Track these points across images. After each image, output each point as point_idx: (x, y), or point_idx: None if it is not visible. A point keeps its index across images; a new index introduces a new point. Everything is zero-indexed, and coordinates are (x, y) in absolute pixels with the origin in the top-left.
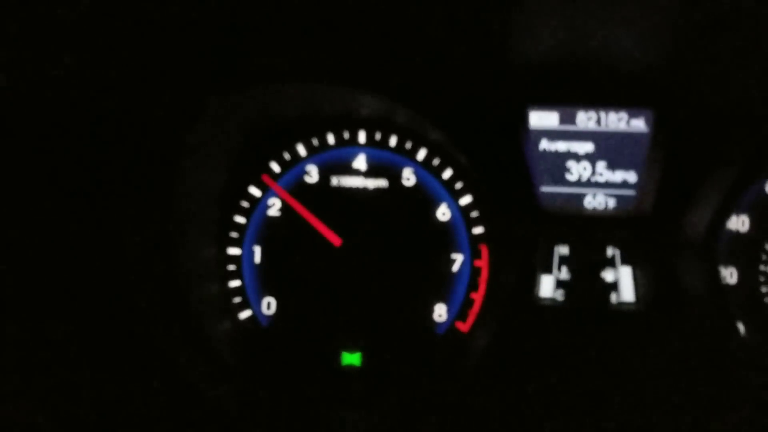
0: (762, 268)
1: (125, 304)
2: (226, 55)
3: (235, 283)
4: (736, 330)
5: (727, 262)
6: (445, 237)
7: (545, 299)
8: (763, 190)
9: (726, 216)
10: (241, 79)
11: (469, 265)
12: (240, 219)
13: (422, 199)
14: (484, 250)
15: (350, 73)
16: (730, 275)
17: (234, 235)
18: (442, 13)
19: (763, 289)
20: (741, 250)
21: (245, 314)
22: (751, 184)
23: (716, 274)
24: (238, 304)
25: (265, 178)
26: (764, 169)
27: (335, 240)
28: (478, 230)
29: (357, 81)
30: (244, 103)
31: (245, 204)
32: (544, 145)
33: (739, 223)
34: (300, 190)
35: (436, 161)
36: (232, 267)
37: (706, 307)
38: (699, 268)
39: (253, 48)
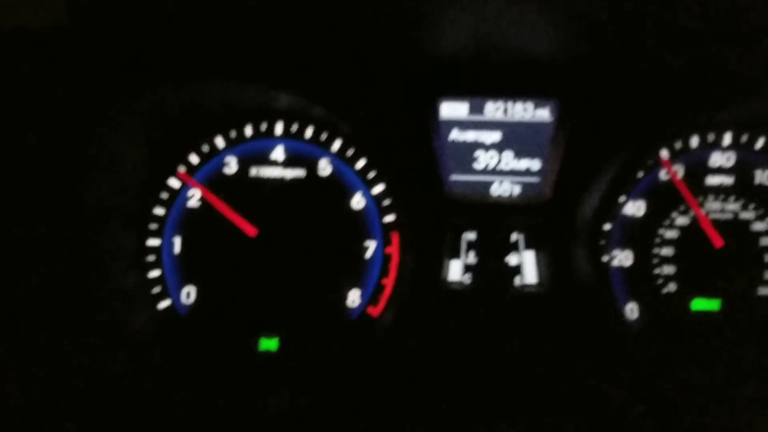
0: (656, 251)
1: (40, 297)
2: (140, 50)
3: (154, 274)
4: (621, 311)
5: (624, 246)
6: (359, 225)
7: (453, 283)
8: (657, 177)
9: (617, 202)
10: (154, 75)
11: (381, 252)
12: (159, 210)
13: (338, 188)
14: (395, 238)
15: (263, 70)
16: (626, 258)
17: (153, 226)
18: (353, 10)
19: (656, 271)
20: (637, 234)
21: (165, 304)
22: (646, 171)
23: (599, 258)
24: (158, 294)
25: (181, 174)
26: (658, 157)
27: (250, 231)
28: (389, 218)
29: (269, 79)
30: (160, 98)
31: (164, 195)
32: (454, 135)
33: (635, 208)
34: (219, 181)
35: (350, 152)
36: (151, 257)
37: (593, 289)
38: (586, 252)
39: (168, 44)
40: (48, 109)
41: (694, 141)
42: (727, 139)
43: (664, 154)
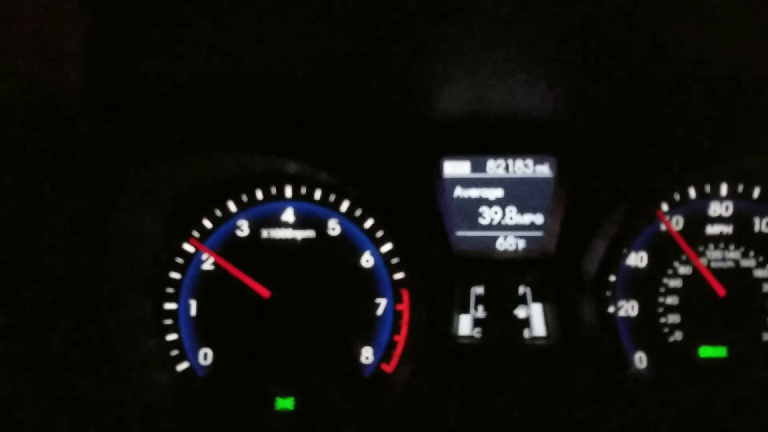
0: (660, 300)
1: (61, 364)
2: (155, 126)
3: (171, 337)
4: (628, 360)
5: (628, 296)
6: (369, 283)
7: (464, 337)
8: (658, 228)
9: (620, 254)
10: (169, 150)
11: (392, 309)
12: (175, 275)
13: (347, 247)
14: (405, 295)
15: (272, 142)
16: (631, 308)
17: (170, 290)
18: (357, 80)
19: (662, 320)
20: (640, 284)
21: (182, 366)
22: (646, 223)
23: (605, 309)
24: (175, 356)
25: (193, 241)
26: (657, 208)
27: (264, 292)
28: (399, 276)
29: (278, 149)
30: (174, 169)
31: (179, 260)
32: (458, 192)
33: (638, 259)
34: (232, 244)
35: (358, 212)
36: (168, 321)
37: (601, 340)
38: (592, 303)
39: (182, 120)
40: (67, 182)
41: (692, 192)
42: (724, 189)
43: (663, 206)
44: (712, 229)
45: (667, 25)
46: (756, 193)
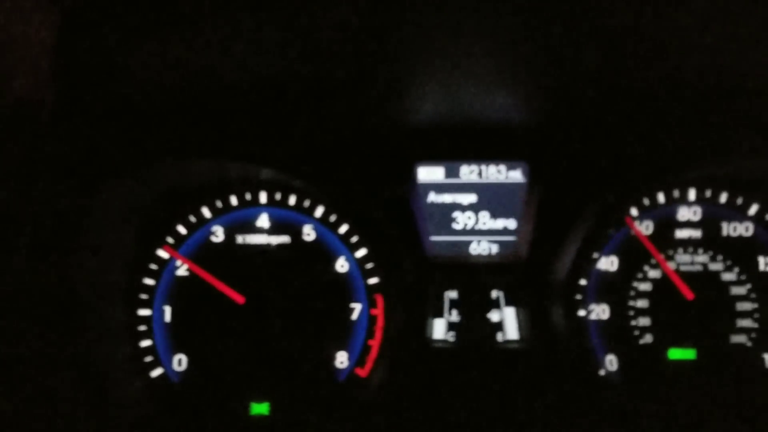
0: (631, 303)
1: (34, 369)
2: (127, 133)
3: (146, 343)
4: (600, 363)
5: (599, 300)
6: (344, 288)
7: (438, 341)
8: (628, 233)
9: (591, 258)
10: (142, 157)
11: (367, 314)
12: (149, 281)
13: (322, 252)
14: (380, 299)
15: (245, 149)
16: (602, 311)
17: (144, 296)
18: (331, 86)
19: (633, 323)
20: (611, 288)
21: (157, 372)
22: (616, 227)
23: (576, 312)
24: (150, 362)
25: (167, 248)
26: (626, 213)
27: (238, 298)
28: (373, 280)
29: (251, 156)
30: (147, 176)
31: (154, 266)
32: (432, 197)
33: (608, 263)
34: (207, 249)
35: (333, 217)
36: (143, 327)
37: (572, 343)
38: (562, 307)
39: (155, 127)
40: (39, 190)
41: (661, 197)
42: (692, 194)
43: (633, 211)
44: (681, 234)
45: (637, 35)
46: (723, 198)
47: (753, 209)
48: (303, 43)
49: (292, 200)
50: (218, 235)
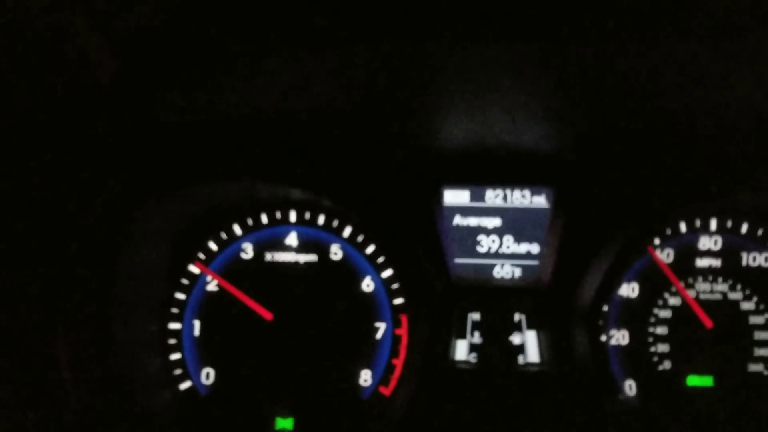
0: (650, 330)
1: (67, 379)
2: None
3: (175, 356)
4: (619, 388)
5: (620, 326)
6: (369, 307)
7: (460, 362)
8: (650, 260)
9: (613, 285)
10: (178, 180)
11: (391, 333)
12: (180, 295)
13: (348, 272)
14: (404, 319)
15: (278, 171)
16: (622, 337)
17: (175, 310)
18: (361, 114)
19: (652, 349)
20: (632, 314)
21: (185, 385)
22: (639, 255)
23: (597, 338)
24: (179, 375)
25: (198, 264)
26: (650, 242)
27: (266, 315)
28: (398, 301)
29: (284, 178)
30: (183, 197)
31: (185, 281)
32: (457, 220)
33: (629, 289)
34: (236, 266)
35: (360, 238)
36: (172, 341)
37: (592, 368)
38: (584, 332)
39: (191, 151)
40: (83, 210)
41: (683, 226)
42: (714, 224)
43: (655, 240)
44: (701, 263)
45: (662, 71)
46: (744, 228)
47: None
48: (337, 79)
49: (321, 220)
50: (248, 252)
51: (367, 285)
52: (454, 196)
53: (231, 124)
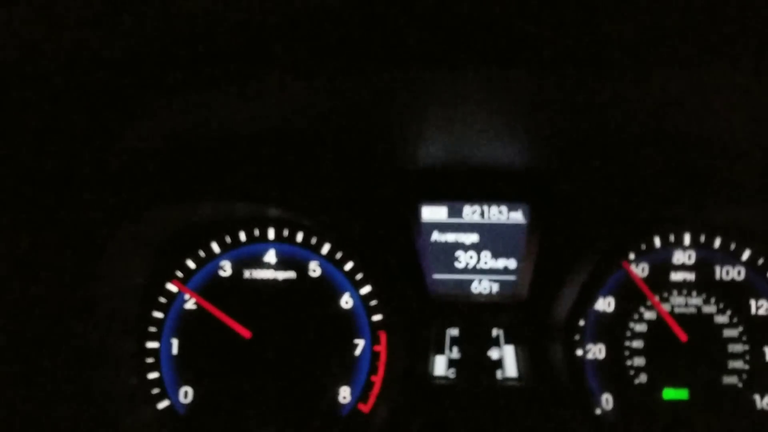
0: (627, 343)
1: (43, 397)
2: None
3: (153, 375)
4: (596, 402)
5: (596, 340)
6: (348, 324)
7: (439, 378)
8: (625, 275)
9: (590, 299)
10: (155, 199)
11: (370, 350)
12: (158, 314)
13: (327, 289)
14: (383, 336)
15: (254, 190)
16: (598, 351)
17: (152, 329)
18: (338, 132)
19: (628, 363)
20: (608, 328)
21: (163, 404)
22: (614, 270)
23: (574, 352)
24: (157, 394)
25: (176, 282)
26: (625, 257)
27: (245, 332)
28: (377, 317)
29: (261, 197)
30: (159, 216)
31: (163, 300)
32: (435, 236)
33: (605, 304)
34: (215, 283)
35: (339, 255)
36: (150, 360)
37: (569, 382)
38: (561, 346)
39: (164, 171)
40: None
41: (657, 241)
42: (687, 239)
43: (630, 254)
44: (675, 276)
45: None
46: (717, 243)
47: (746, 254)
48: (315, 100)
49: (300, 237)
50: (226, 269)
51: (346, 302)
52: (432, 213)
53: (208, 144)
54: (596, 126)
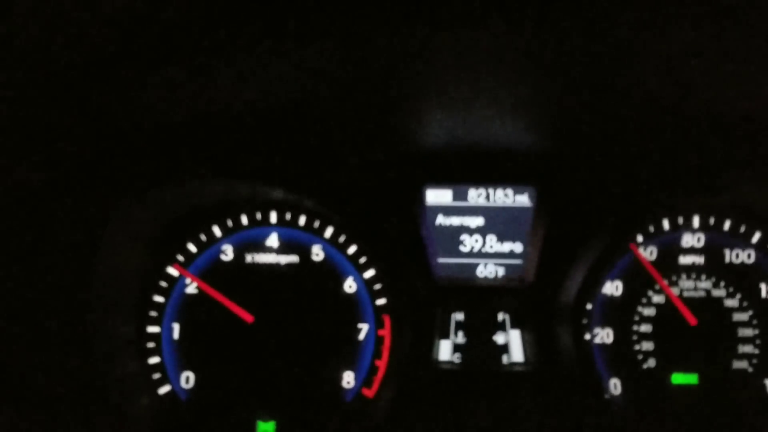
0: (635, 328)
1: (44, 382)
2: (139, 157)
3: (154, 360)
4: (604, 387)
5: (604, 324)
6: (352, 308)
7: (444, 362)
8: (633, 258)
9: (597, 283)
10: (154, 180)
11: (374, 334)
12: (159, 298)
13: (330, 273)
14: (387, 320)
15: (257, 170)
16: (606, 335)
17: (153, 313)
18: (342, 113)
19: (636, 347)
20: (615, 312)
21: (164, 389)
22: (622, 253)
23: (581, 336)
24: (158, 380)
25: (176, 266)
26: (632, 240)
27: (247, 317)
28: (381, 301)
29: (263, 177)
30: (160, 198)
31: (164, 284)
32: (440, 220)
33: (613, 287)
34: (216, 268)
35: (342, 238)
36: (151, 344)
37: (577, 366)
38: (568, 330)
39: (167, 151)
40: (58, 212)
41: (666, 224)
42: (696, 221)
43: (638, 237)
44: (684, 260)
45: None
46: (727, 225)
47: (756, 237)
48: (317, 74)
49: (302, 221)
50: (228, 253)
51: (349, 286)
52: (437, 196)
53: (211, 123)
54: (603, 106)
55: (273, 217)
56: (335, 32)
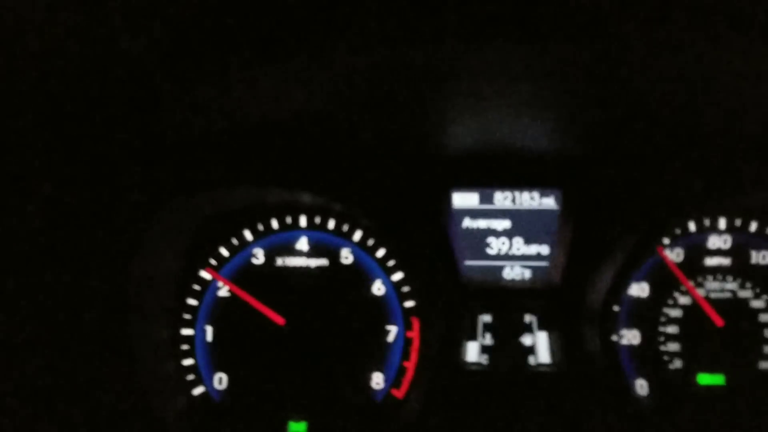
0: (661, 329)
1: (81, 383)
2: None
3: (188, 362)
4: (631, 388)
5: (630, 326)
6: (380, 310)
7: (471, 364)
8: (659, 260)
9: (624, 285)
10: (191, 185)
11: (403, 336)
12: (192, 301)
13: (359, 275)
14: (415, 322)
15: (287, 176)
16: (633, 337)
17: (187, 316)
18: (369, 117)
19: (663, 348)
20: (642, 313)
21: (198, 390)
22: (648, 255)
23: (608, 338)
24: (192, 381)
25: (209, 270)
26: (659, 242)
27: (278, 320)
28: (409, 304)
29: (294, 183)
30: (195, 205)
31: (197, 287)
32: (467, 223)
33: (640, 289)
34: (248, 271)
35: (370, 241)
36: (185, 346)
37: (604, 368)
38: (596, 332)
39: (200, 158)
40: (96, 217)
41: (692, 226)
42: (723, 223)
43: (665, 239)
44: (710, 261)
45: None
46: (753, 227)
47: None
48: (347, 83)
49: (332, 224)
50: (259, 257)
51: (378, 288)
52: (463, 199)
53: (241, 131)
54: (630, 109)
55: (303, 221)
56: (375, 45)
